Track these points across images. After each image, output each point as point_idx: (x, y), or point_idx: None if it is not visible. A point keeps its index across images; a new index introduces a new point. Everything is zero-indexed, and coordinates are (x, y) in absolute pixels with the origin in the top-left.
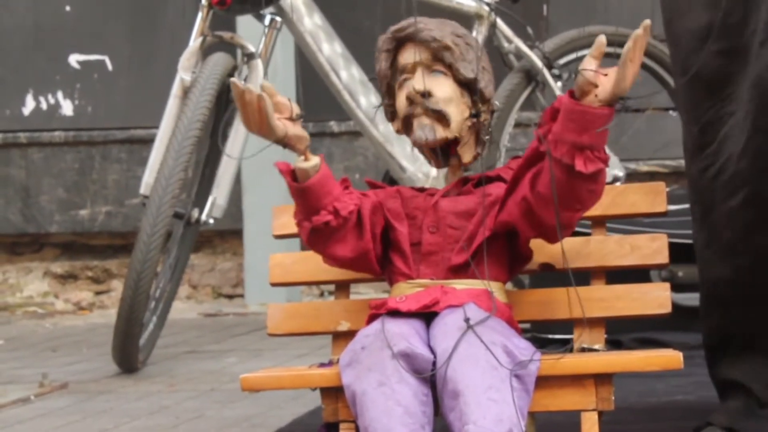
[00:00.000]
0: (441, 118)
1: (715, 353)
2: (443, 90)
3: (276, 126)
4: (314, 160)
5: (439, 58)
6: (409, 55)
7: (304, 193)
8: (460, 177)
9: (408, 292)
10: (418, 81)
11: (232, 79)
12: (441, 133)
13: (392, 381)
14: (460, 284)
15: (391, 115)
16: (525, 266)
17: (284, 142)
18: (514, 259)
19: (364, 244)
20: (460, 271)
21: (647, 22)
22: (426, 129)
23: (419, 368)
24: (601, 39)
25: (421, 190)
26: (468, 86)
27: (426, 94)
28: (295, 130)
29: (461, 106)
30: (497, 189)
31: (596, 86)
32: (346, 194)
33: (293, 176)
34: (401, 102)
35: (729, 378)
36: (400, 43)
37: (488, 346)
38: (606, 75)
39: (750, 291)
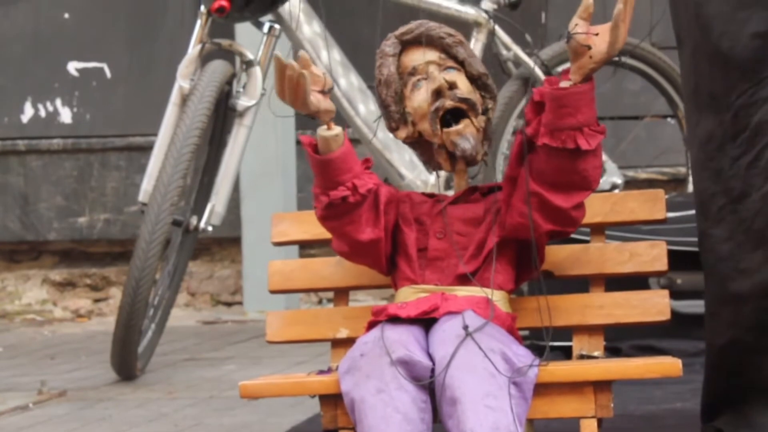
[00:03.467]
0: (470, 107)
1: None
2: (463, 83)
3: (311, 102)
4: (336, 129)
5: (452, 55)
6: (417, 56)
7: (326, 166)
8: (467, 185)
9: (411, 297)
10: (440, 76)
11: (276, 53)
12: (475, 139)
13: (391, 388)
14: (462, 291)
15: (397, 122)
16: (532, 275)
17: (314, 115)
18: (522, 267)
19: (378, 231)
20: (466, 279)
21: None
22: (467, 138)
23: (418, 375)
24: (588, 0)
25: (431, 196)
26: (476, 82)
27: (453, 86)
28: (326, 104)
29: (477, 100)
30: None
31: (589, 48)
32: (366, 173)
33: (315, 149)
34: (420, 101)
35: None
36: (404, 46)
37: (486, 354)
38: (597, 35)
39: None
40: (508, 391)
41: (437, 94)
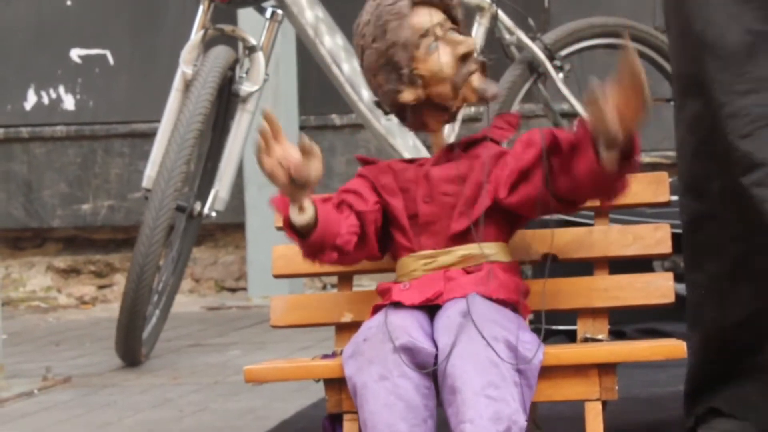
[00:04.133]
0: (483, 68)
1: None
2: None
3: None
4: (309, 210)
5: (453, 17)
6: (425, 18)
7: (308, 245)
8: (444, 144)
9: (413, 266)
10: (466, 39)
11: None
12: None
13: (394, 375)
14: (461, 251)
15: (405, 85)
16: (526, 222)
17: (300, 188)
18: (515, 219)
19: (369, 250)
20: (460, 237)
21: None
22: (489, 83)
23: (421, 362)
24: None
25: (411, 161)
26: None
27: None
28: (316, 174)
29: None
30: (485, 150)
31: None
32: (344, 222)
33: (290, 226)
34: (441, 64)
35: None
36: (411, 6)
37: (489, 342)
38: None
39: None
40: (511, 380)
41: (464, 57)
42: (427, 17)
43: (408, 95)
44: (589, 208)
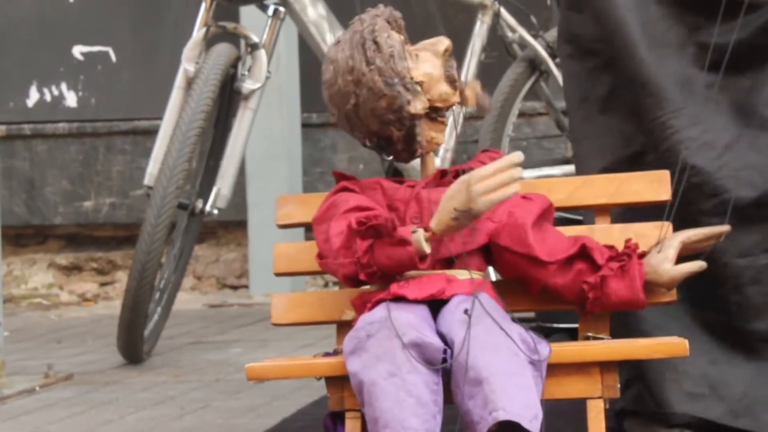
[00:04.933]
0: None
1: None
2: None
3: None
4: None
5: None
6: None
7: (410, 267)
8: (437, 168)
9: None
10: (437, 39)
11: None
12: None
13: (403, 371)
14: (457, 273)
15: (411, 97)
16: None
17: (469, 219)
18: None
19: None
20: (446, 262)
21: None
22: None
23: (430, 357)
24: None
25: (400, 182)
26: None
27: None
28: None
29: None
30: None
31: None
32: None
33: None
34: (430, 66)
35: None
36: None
37: (508, 333)
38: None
39: None
40: (530, 370)
41: (445, 52)
42: (396, 34)
43: (418, 104)
44: (590, 207)
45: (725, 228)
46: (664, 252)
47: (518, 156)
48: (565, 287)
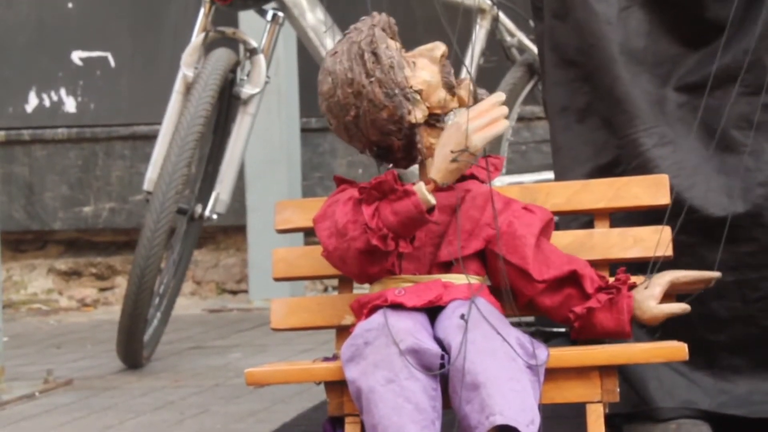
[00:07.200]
0: None
1: None
2: None
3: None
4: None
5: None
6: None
7: (421, 224)
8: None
9: (393, 286)
10: (433, 45)
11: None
12: None
13: (401, 378)
14: (445, 278)
15: (411, 106)
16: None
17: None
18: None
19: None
20: (444, 266)
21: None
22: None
23: (427, 363)
24: None
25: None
26: None
27: None
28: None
29: None
30: (475, 186)
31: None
32: None
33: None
34: (429, 73)
35: None
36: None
37: (505, 338)
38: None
39: None
40: (527, 375)
41: (442, 57)
42: (393, 43)
43: (418, 113)
44: (589, 211)
45: (716, 274)
46: (651, 289)
47: (500, 96)
48: (552, 309)
